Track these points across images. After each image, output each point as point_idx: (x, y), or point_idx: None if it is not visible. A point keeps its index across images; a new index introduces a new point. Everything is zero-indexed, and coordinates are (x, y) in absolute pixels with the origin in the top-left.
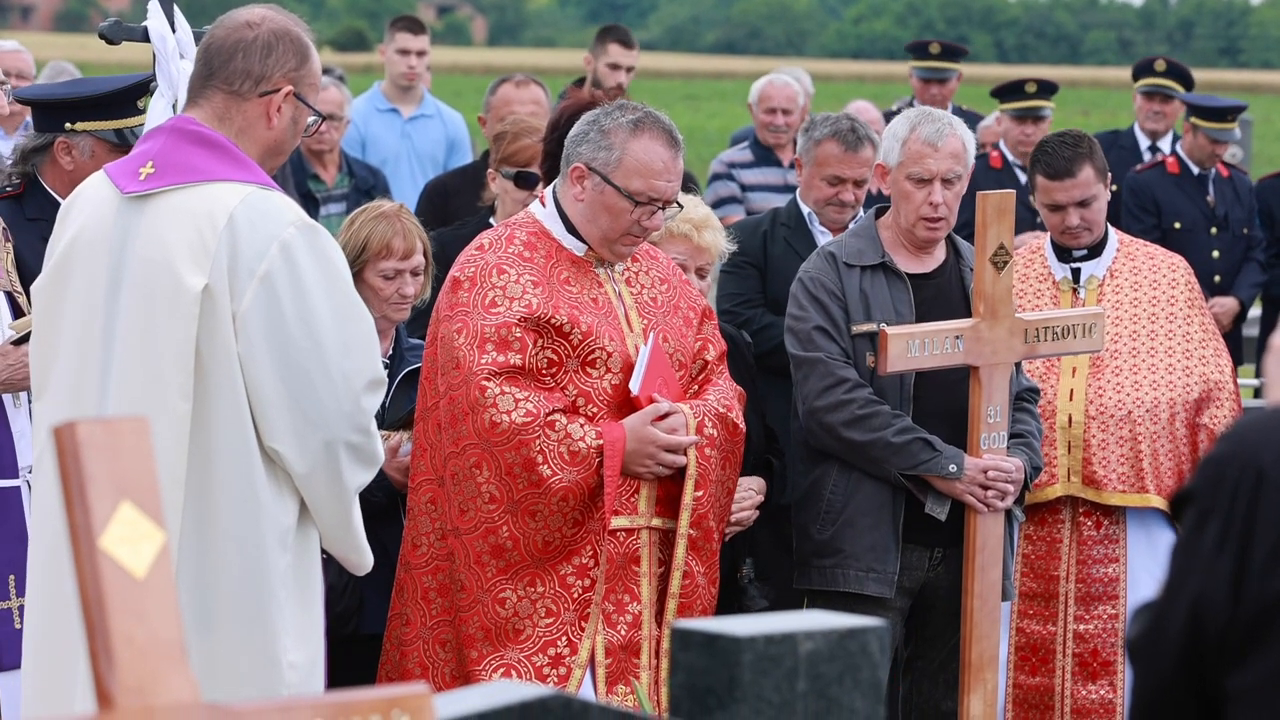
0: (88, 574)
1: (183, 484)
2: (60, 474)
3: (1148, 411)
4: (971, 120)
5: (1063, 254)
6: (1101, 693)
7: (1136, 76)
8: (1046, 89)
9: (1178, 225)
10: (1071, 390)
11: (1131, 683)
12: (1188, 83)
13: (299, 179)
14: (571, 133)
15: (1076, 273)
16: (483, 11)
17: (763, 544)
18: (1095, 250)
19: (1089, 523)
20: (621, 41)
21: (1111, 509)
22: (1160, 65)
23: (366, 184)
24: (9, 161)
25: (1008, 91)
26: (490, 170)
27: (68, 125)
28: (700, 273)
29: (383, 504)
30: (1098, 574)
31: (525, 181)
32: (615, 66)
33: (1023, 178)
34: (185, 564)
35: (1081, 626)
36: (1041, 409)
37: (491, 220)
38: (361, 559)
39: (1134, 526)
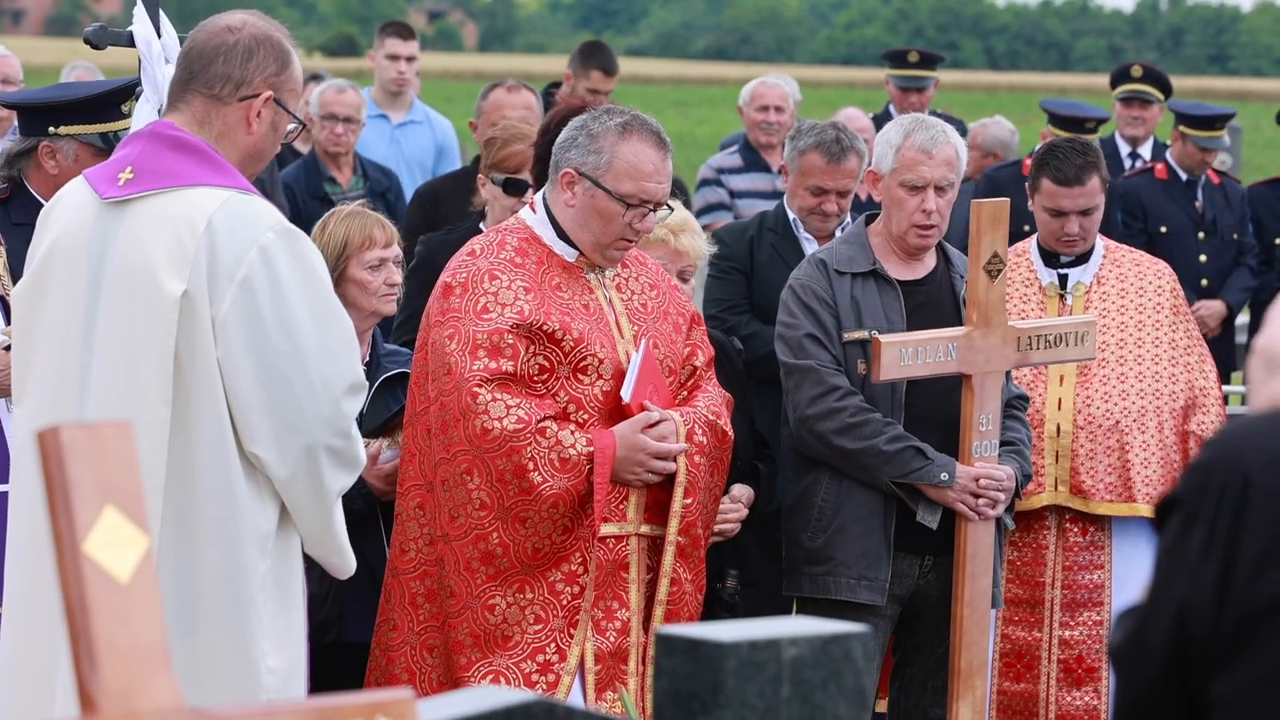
0: (71, 578)
1: (162, 489)
2: (44, 478)
3: (1135, 420)
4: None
5: (1049, 259)
6: (1086, 699)
7: (1114, 84)
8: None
9: (1164, 230)
10: (1060, 399)
11: (1114, 689)
12: (1165, 88)
13: (314, 181)
14: (559, 139)
15: (1064, 279)
16: (473, 17)
17: (751, 551)
18: (1082, 256)
19: (1075, 529)
20: (604, 69)
21: (1098, 515)
22: (1137, 71)
23: (380, 186)
24: None
25: (1067, 122)
26: (480, 176)
27: (51, 129)
28: (682, 276)
29: (362, 511)
30: (1083, 580)
31: (514, 188)
32: (595, 92)
33: None
34: (164, 569)
35: (1066, 633)
36: (1030, 417)
37: (482, 226)
38: (344, 562)
39: (1119, 533)
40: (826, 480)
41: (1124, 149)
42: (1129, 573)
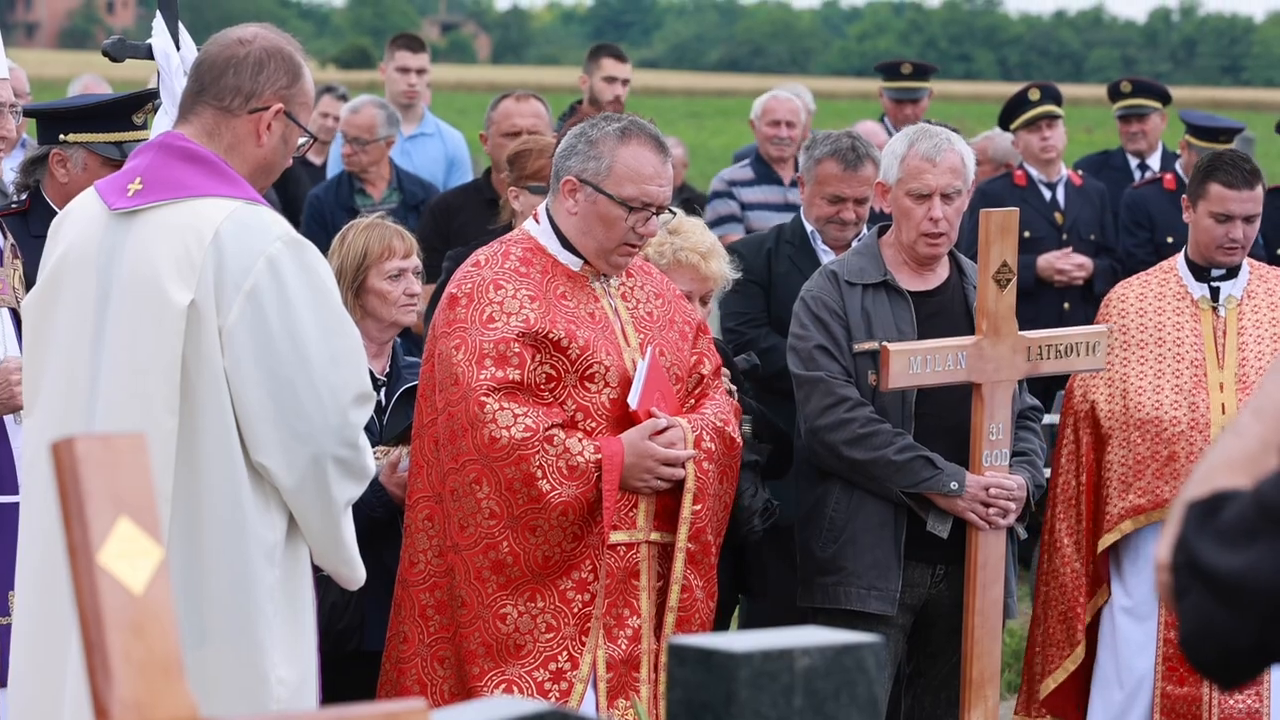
0: (86, 590)
1: (169, 500)
2: (59, 490)
3: None
4: None
5: (1199, 273)
6: (1248, 702)
7: (1112, 101)
8: (1051, 95)
9: (1170, 240)
10: (1224, 404)
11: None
12: (1159, 95)
13: (345, 194)
14: (559, 148)
15: (1215, 292)
16: (486, 29)
17: (767, 562)
18: (1230, 271)
19: None
20: (614, 56)
21: None
22: (1126, 86)
23: (415, 199)
24: (15, 177)
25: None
26: (513, 189)
27: (61, 136)
28: (702, 299)
29: (383, 519)
30: None
31: None
32: (611, 80)
33: (1048, 195)
34: (172, 579)
35: None
36: (1194, 423)
37: None
38: (353, 573)
39: None
40: (837, 491)
41: (1132, 161)
42: None
